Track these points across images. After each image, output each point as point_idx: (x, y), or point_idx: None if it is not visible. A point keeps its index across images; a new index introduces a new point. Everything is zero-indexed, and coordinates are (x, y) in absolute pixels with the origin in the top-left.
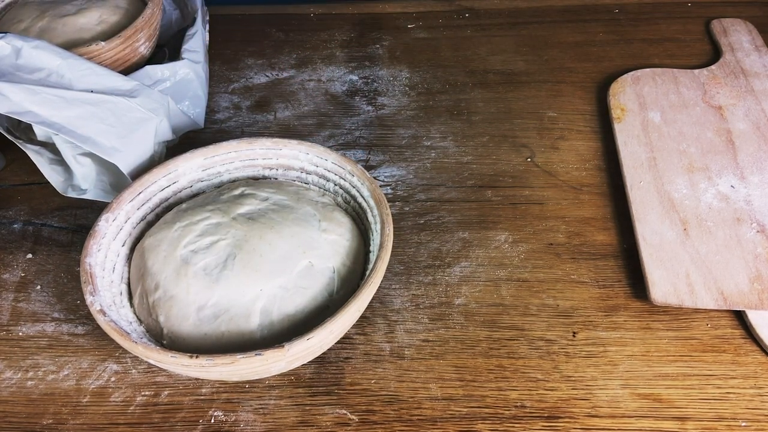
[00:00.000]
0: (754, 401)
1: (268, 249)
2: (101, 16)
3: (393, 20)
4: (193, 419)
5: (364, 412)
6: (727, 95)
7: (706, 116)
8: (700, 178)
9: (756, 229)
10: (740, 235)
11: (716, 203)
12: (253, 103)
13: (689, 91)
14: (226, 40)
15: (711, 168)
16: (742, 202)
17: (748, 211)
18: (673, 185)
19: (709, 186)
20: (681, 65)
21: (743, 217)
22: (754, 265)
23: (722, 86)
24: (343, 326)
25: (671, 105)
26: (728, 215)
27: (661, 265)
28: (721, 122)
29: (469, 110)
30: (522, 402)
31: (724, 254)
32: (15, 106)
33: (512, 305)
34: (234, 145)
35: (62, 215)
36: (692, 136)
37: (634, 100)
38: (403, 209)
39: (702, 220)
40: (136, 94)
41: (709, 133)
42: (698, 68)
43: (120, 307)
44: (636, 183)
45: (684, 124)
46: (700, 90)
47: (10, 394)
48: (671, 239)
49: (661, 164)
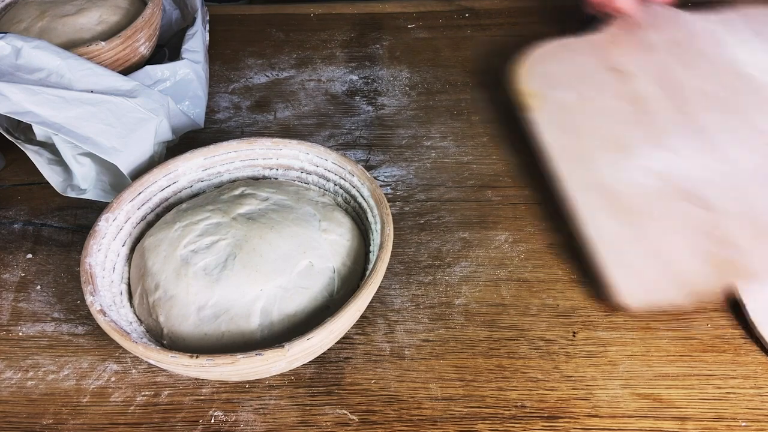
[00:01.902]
0: (754, 401)
1: (269, 249)
2: (101, 16)
3: (393, 20)
4: (193, 419)
5: (364, 412)
6: (620, 51)
7: (608, 83)
8: (620, 156)
9: (690, 203)
10: (682, 212)
11: (645, 181)
12: (253, 103)
13: (591, 59)
14: (226, 40)
15: (631, 145)
16: (669, 175)
17: (677, 185)
18: (596, 170)
19: (631, 163)
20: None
21: (675, 193)
22: (705, 240)
23: (618, 48)
24: (343, 326)
25: (573, 76)
26: (662, 193)
27: (617, 263)
28: (624, 84)
29: (469, 110)
30: (522, 402)
31: (670, 236)
32: (15, 107)
33: (512, 305)
34: (234, 145)
35: (62, 215)
36: (601, 109)
37: (542, 83)
38: (403, 209)
39: (636, 204)
40: (136, 94)
41: (615, 103)
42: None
43: (120, 307)
44: (565, 177)
45: (588, 94)
46: (602, 56)
47: (10, 394)
48: (617, 232)
49: (581, 149)
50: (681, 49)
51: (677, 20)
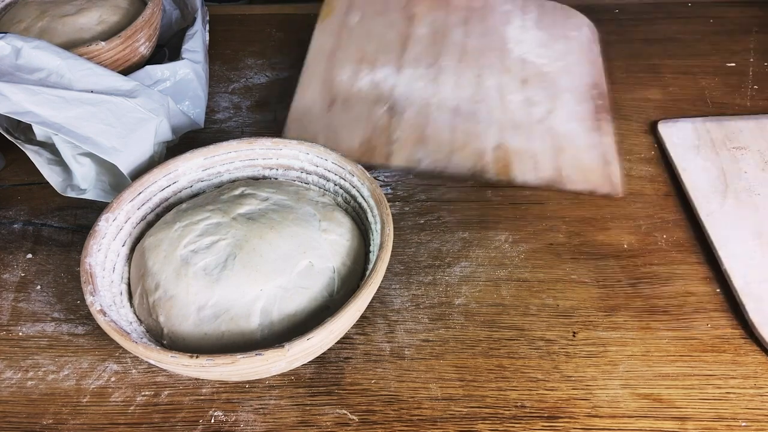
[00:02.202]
0: (754, 401)
1: (269, 249)
2: (101, 16)
3: None
4: (193, 419)
5: (364, 412)
6: (425, 5)
7: (397, 22)
8: (363, 68)
9: (385, 109)
10: (372, 112)
11: (365, 88)
12: (253, 103)
13: (395, 0)
14: (226, 40)
15: (377, 62)
16: (387, 88)
17: (387, 96)
18: (338, 72)
19: (367, 75)
20: (681, 65)
21: (381, 99)
22: (372, 132)
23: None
24: (343, 326)
25: (374, 10)
26: (371, 97)
27: (301, 129)
28: (407, 27)
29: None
30: (522, 402)
31: (352, 124)
32: (15, 107)
33: (512, 305)
34: (234, 145)
35: (62, 215)
36: (376, 36)
37: (343, 3)
38: (403, 209)
39: (348, 99)
40: (136, 94)
41: (390, 35)
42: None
43: (120, 307)
44: (308, 69)
45: (376, 26)
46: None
47: (10, 394)
48: (320, 111)
49: (339, 55)
50: (472, 14)
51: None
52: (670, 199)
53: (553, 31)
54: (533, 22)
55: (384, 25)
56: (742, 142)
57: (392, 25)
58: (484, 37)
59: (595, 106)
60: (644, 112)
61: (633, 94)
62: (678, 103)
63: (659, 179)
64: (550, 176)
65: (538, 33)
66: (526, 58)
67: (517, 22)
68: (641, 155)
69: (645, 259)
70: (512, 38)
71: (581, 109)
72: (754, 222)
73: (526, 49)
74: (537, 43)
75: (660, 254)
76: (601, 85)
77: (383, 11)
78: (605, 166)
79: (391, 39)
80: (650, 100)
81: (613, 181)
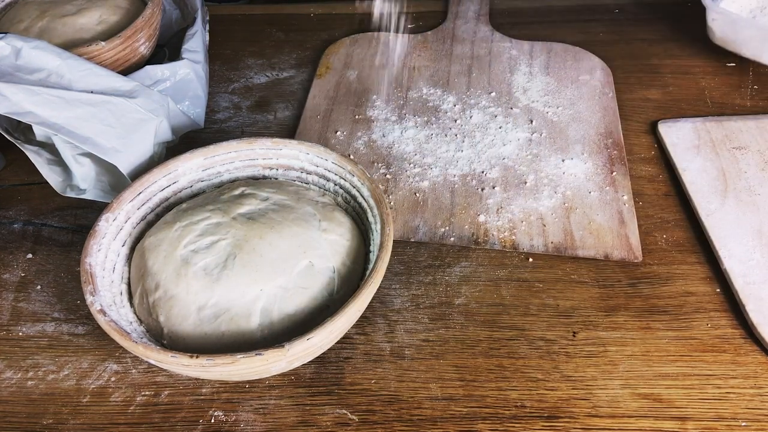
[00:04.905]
0: (754, 401)
1: (269, 249)
2: (101, 16)
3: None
4: (193, 419)
5: (364, 412)
6: (425, 58)
7: (396, 76)
8: (361, 127)
9: (383, 170)
10: (371, 172)
11: (362, 149)
12: (253, 103)
13: (394, 54)
14: (226, 40)
15: (374, 120)
16: (384, 149)
17: (385, 156)
18: (334, 132)
19: (364, 134)
20: (681, 65)
21: (378, 160)
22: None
23: (426, 50)
24: (343, 326)
25: (371, 66)
26: (367, 159)
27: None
28: (406, 81)
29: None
30: (522, 402)
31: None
32: (15, 107)
33: (512, 305)
34: (234, 145)
35: (62, 215)
36: (373, 92)
37: (342, 60)
38: None
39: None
40: (136, 94)
41: (389, 92)
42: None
43: (120, 307)
44: (304, 131)
45: (372, 82)
46: (404, 53)
47: (10, 394)
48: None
49: (334, 115)
50: (474, 62)
51: (490, 40)
52: (670, 199)
53: (562, 76)
54: (540, 67)
55: (380, 81)
56: (742, 142)
57: (390, 80)
58: (488, 86)
59: (609, 157)
60: (644, 112)
61: (633, 94)
62: (678, 103)
63: (659, 179)
64: (558, 241)
65: (545, 79)
66: (532, 108)
67: (523, 68)
68: (641, 155)
69: (645, 259)
70: (518, 86)
71: (592, 163)
72: (754, 222)
73: (533, 97)
74: (544, 90)
75: (660, 254)
76: (615, 133)
77: (381, 66)
78: (620, 226)
79: (388, 95)
80: (650, 100)
81: (631, 244)
